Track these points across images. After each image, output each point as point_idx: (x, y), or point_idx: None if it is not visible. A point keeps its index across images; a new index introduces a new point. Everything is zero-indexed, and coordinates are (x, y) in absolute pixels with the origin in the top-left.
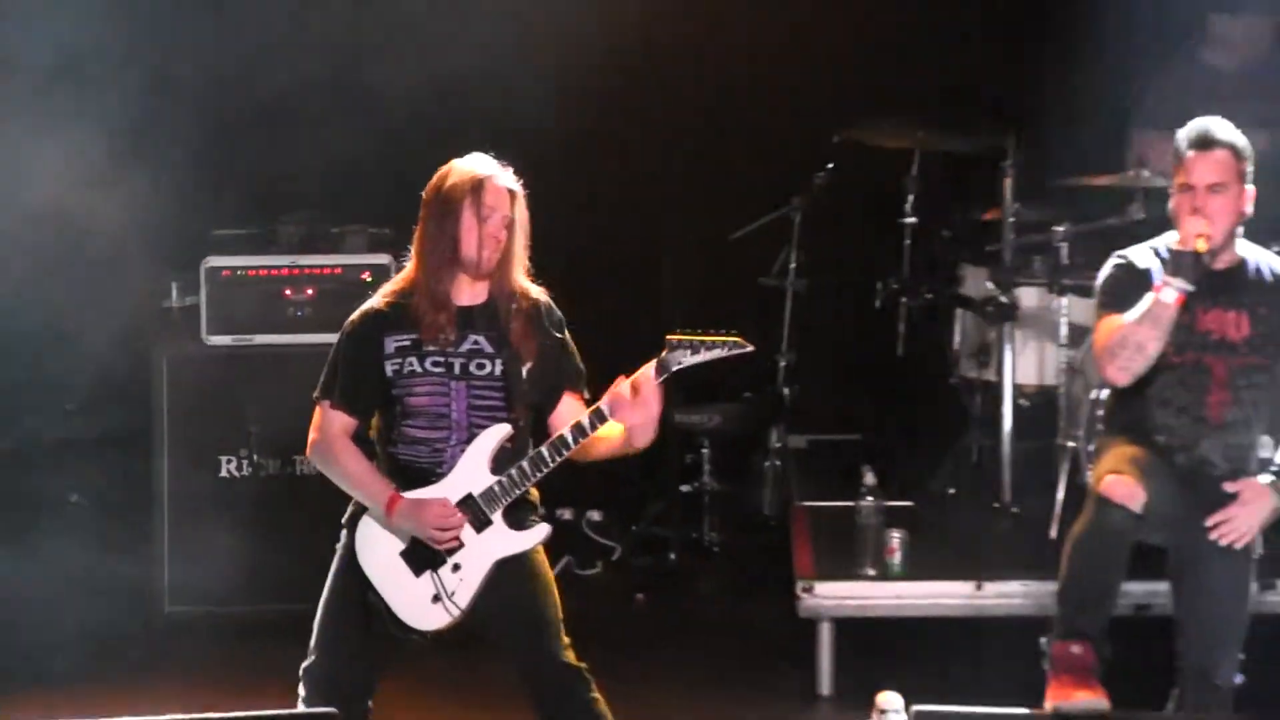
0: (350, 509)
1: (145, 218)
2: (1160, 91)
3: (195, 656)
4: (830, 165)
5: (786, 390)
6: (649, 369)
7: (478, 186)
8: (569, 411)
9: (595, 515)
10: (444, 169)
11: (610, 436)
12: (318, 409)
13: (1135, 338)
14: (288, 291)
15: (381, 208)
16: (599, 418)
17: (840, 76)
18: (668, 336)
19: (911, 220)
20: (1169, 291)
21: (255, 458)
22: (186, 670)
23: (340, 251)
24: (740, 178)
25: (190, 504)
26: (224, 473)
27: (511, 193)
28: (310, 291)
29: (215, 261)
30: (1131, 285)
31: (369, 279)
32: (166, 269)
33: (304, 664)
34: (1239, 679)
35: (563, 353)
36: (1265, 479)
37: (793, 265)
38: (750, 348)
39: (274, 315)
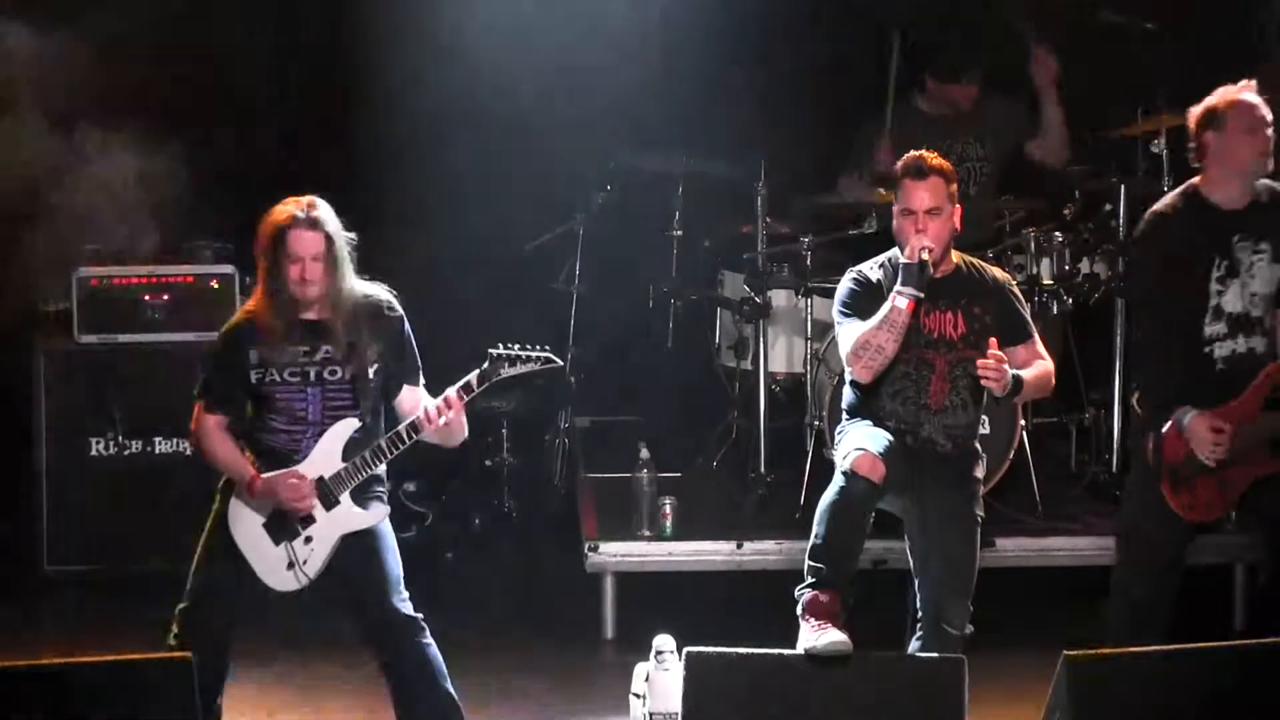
0: (224, 478)
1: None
2: (865, 138)
3: (69, 608)
4: (609, 186)
5: (573, 378)
6: (471, 379)
7: (281, 237)
8: (408, 400)
9: (410, 486)
10: (267, 214)
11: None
12: (196, 406)
13: (876, 340)
14: (147, 297)
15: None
16: (414, 429)
17: (618, 109)
18: (490, 350)
19: (678, 233)
20: (901, 299)
21: (121, 438)
22: (62, 619)
23: (192, 263)
24: (533, 197)
25: (65, 478)
26: (94, 451)
27: (318, 232)
28: (166, 297)
29: (85, 271)
30: (865, 296)
31: (217, 286)
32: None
33: (179, 606)
34: (970, 629)
35: (401, 349)
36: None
37: (578, 271)
38: (560, 363)
39: (136, 317)
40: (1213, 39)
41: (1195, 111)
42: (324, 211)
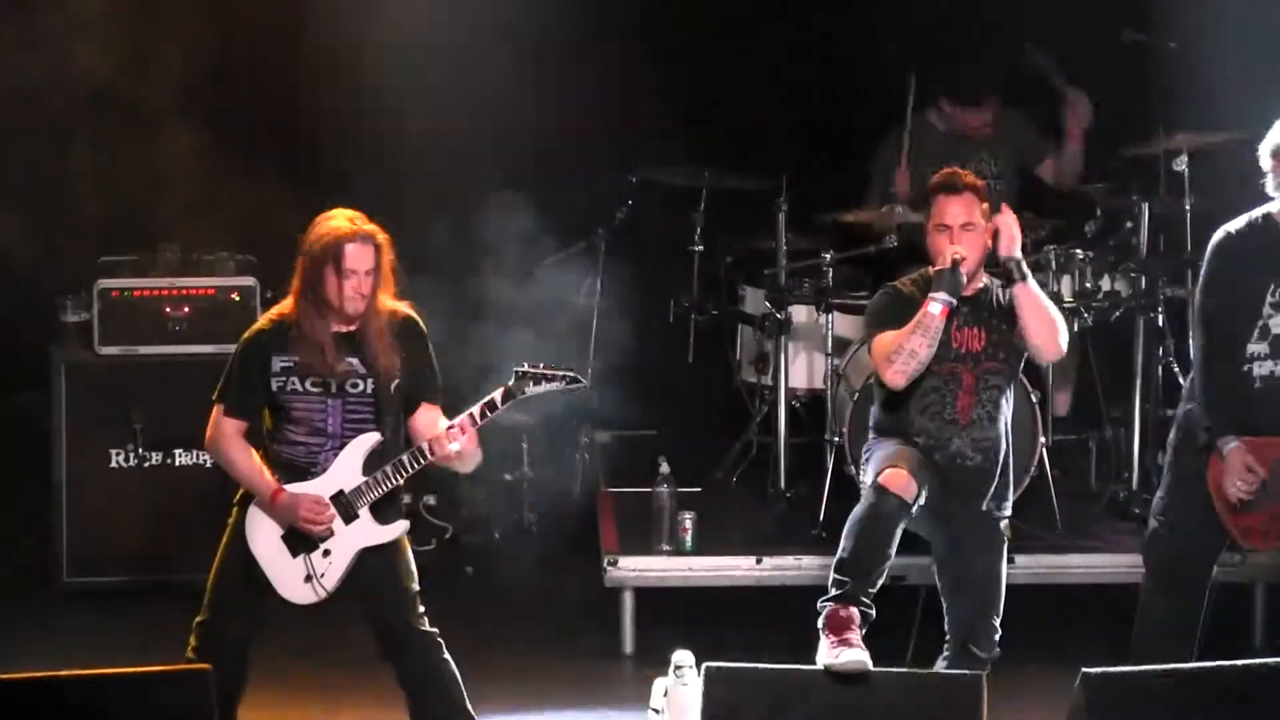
0: (242, 490)
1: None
2: (884, 166)
3: (89, 619)
4: (630, 202)
5: (593, 393)
6: (495, 397)
7: (338, 253)
8: (425, 419)
9: (430, 499)
10: (316, 221)
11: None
12: (215, 410)
13: (910, 345)
14: (168, 309)
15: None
16: (421, 455)
17: (639, 123)
18: (515, 368)
19: (699, 248)
20: (935, 305)
21: (140, 450)
22: (81, 631)
23: (212, 275)
24: (554, 212)
25: (85, 490)
26: (114, 463)
27: (371, 247)
28: (187, 309)
29: (106, 283)
30: (898, 308)
31: (238, 298)
32: (58, 290)
33: (197, 619)
34: (998, 652)
35: (423, 367)
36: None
37: (599, 286)
38: (585, 383)
39: (156, 329)
40: (1235, 58)
41: (1268, 140)
42: (373, 225)
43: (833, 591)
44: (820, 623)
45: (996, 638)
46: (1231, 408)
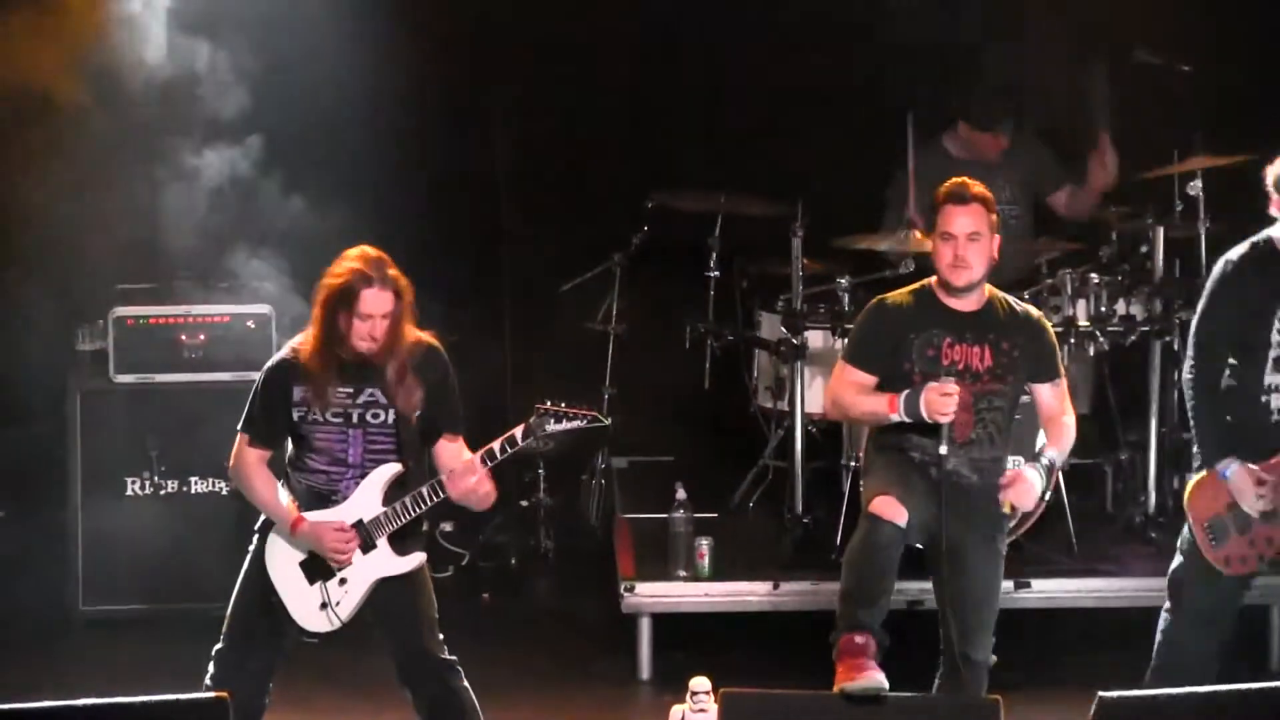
0: (263, 517)
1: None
2: (899, 197)
3: (105, 647)
4: (646, 227)
5: (609, 419)
6: (516, 433)
7: (352, 294)
8: (446, 451)
9: (447, 526)
10: (340, 258)
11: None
12: (239, 438)
13: (853, 414)
14: (183, 337)
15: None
16: (440, 488)
17: (655, 148)
18: (536, 405)
19: (715, 273)
20: (896, 416)
21: (156, 478)
22: (97, 659)
23: (228, 302)
24: (571, 237)
25: (101, 518)
26: (130, 491)
27: (389, 291)
28: (203, 337)
29: (121, 311)
30: (877, 333)
31: (253, 326)
32: (73, 318)
33: (215, 647)
34: (993, 659)
35: (444, 398)
36: (1029, 467)
37: (615, 311)
38: (607, 422)
39: (172, 357)
40: (1249, 80)
41: (1271, 167)
42: (395, 270)
43: (840, 622)
44: (835, 652)
45: (992, 644)
46: (1244, 439)
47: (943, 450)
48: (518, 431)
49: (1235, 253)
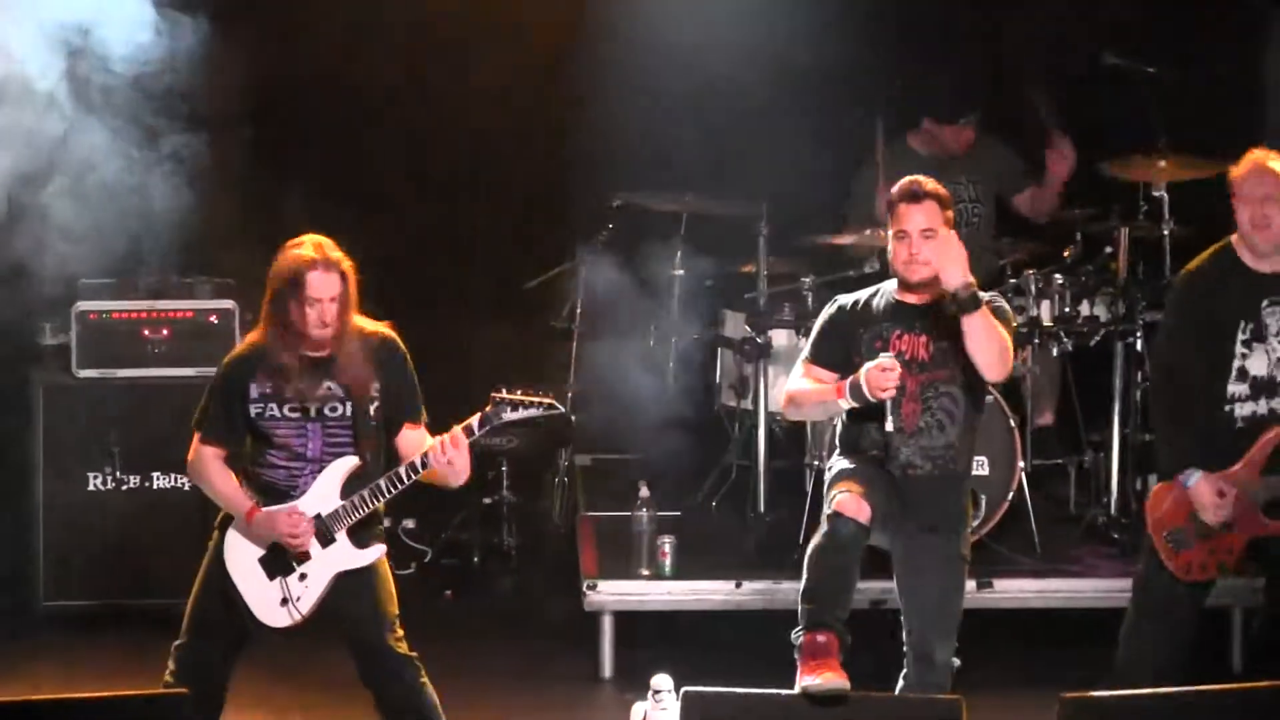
0: (222, 513)
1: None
2: (865, 192)
3: (66, 642)
4: (611, 225)
5: (573, 416)
6: (473, 422)
7: (299, 279)
8: (409, 440)
9: (409, 523)
10: (284, 247)
11: (435, 473)
12: (194, 436)
13: (807, 409)
14: (146, 332)
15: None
16: (421, 465)
17: (620, 147)
18: (492, 394)
19: (680, 272)
20: (845, 402)
21: (119, 473)
22: (58, 654)
23: (191, 298)
24: (535, 236)
25: (63, 513)
26: (92, 486)
27: (335, 274)
28: (166, 332)
29: (84, 306)
30: (837, 337)
31: (216, 321)
32: (36, 313)
33: (175, 643)
34: (957, 662)
35: (401, 388)
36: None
37: (579, 310)
38: (562, 409)
39: (135, 352)
40: (1215, 83)
41: (1235, 167)
42: (339, 252)
43: (803, 621)
44: (796, 651)
45: (954, 646)
46: (1207, 449)
47: (888, 428)
48: (474, 420)
49: (1195, 265)
